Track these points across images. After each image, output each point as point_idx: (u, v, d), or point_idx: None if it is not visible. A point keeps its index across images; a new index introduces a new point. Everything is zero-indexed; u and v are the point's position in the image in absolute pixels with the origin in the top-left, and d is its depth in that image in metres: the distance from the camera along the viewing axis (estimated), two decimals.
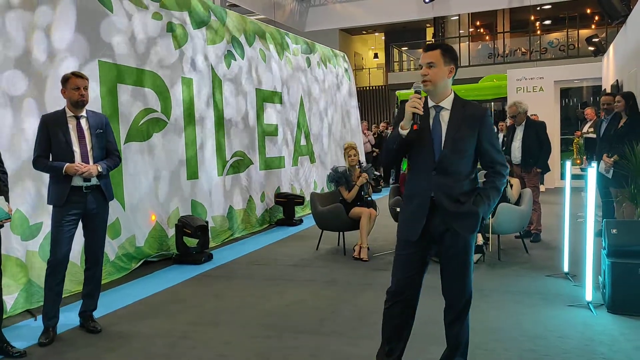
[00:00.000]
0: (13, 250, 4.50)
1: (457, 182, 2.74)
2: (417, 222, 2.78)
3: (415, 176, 2.84)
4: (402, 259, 2.88)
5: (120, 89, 5.73)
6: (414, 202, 2.82)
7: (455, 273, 2.88)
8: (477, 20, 24.27)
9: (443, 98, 2.78)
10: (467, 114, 2.75)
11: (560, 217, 5.85)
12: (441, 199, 2.73)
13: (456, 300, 2.93)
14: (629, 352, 3.40)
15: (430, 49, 2.76)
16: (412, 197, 2.84)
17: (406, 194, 2.90)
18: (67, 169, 3.77)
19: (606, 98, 6.76)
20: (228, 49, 7.75)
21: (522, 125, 6.76)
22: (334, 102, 11.65)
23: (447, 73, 2.74)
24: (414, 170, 2.85)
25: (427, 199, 2.75)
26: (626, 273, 4.03)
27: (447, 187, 2.73)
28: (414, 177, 2.85)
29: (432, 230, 2.78)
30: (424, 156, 2.76)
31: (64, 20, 5.11)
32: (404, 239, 2.87)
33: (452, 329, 2.97)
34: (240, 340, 3.80)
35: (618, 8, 8.78)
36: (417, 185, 2.81)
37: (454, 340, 2.99)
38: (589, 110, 10.31)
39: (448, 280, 2.91)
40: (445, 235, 2.80)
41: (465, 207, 2.73)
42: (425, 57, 2.74)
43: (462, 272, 2.88)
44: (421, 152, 2.76)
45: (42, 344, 3.77)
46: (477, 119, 2.75)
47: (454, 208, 2.73)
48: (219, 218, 7.36)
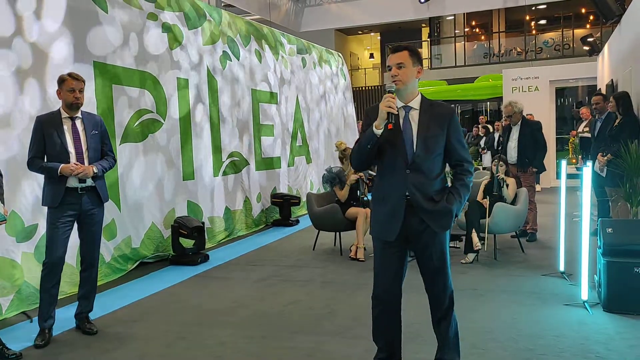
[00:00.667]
0: (8, 252, 4.49)
1: (430, 180, 2.79)
2: (394, 222, 2.80)
3: (386, 176, 2.85)
4: (384, 260, 2.90)
5: (115, 89, 5.71)
6: (388, 202, 2.83)
7: (436, 270, 2.88)
8: (472, 20, 24.32)
9: (412, 98, 2.85)
10: (435, 113, 2.82)
11: (556, 217, 5.87)
12: (417, 198, 2.77)
13: (441, 297, 2.93)
14: (624, 350, 3.41)
15: (398, 50, 2.82)
16: (385, 197, 2.85)
17: (378, 195, 2.91)
18: (63, 169, 3.76)
19: (596, 98, 6.79)
20: (223, 49, 7.74)
21: (518, 125, 6.78)
22: (330, 102, 11.65)
23: (415, 73, 2.82)
24: (385, 170, 2.86)
25: (402, 198, 2.79)
26: (622, 272, 4.05)
27: (422, 186, 2.78)
28: (385, 177, 2.86)
29: (408, 229, 2.82)
30: (396, 156, 2.79)
31: (58, 21, 5.09)
32: (382, 240, 2.88)
33: (440, 327, 2.98)
34: (236, 340, 3.80)
35: (613, 8, 8.80)
36: (390, 185, 2.83)
37: (444, 337, 2.99)
38: (584, 109, 10.36)
39: (430, 279, 2.92)
40: (422, 233, 2.82)
41: (440, 206, 2.78)
42: (394, 58, 2.80)
43: (442, 268, 2.89)
44: (392, 152, 2.80)
45: (37, 346, 3.76)
46: (446, 117, 2.82)
47: (429, 207, 2.77)
48: (215, 219, 7.35)
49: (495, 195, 6.03)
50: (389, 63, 2.83)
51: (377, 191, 2.92)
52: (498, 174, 6.12)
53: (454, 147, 2.84)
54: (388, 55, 2.86)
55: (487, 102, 20.05)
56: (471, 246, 5.71)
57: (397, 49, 2.83)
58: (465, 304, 4.40)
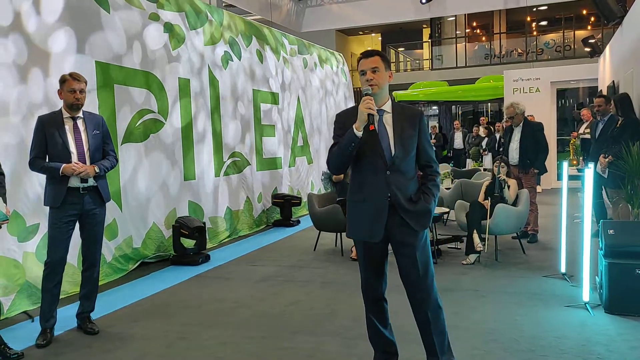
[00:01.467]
0: (10, 251, 4.49)
1: (408, 181, 2.87)
2: (378, 222, 2.84)
3: (364, 178, 2.88)
4: (370, 261, 2.95)
5: (117, 89, 5.72)
6: (369, 203, 2.86)
7: (419, 269, 2.88)
8: (473, 21, 24.33)
9: (384, 102, 2.91)
10: (406, 115, 2.91)
11: (557, 218, 5.87)
12: (398, 198, 2.82)
13: (422, 297, 2.91)
14: (625, 352, 3.41)
15: (371, 55, 2.88)
16: (365, 199, 2.87)
17: (356, 197, 2.92)
18: (64, 169, 3.76)
19: (598, 100, 6.79)
20: (225, 49, 7.75)
21: (520, 126, 6.77)
22: (331, 103, 11.65)
23: (387, 77, 2.90)
24: (363, 172, 2.88)
25: (384, 199, 2.83)
26: (623, 273, 4.04)
27: (402, 187, 2.84)
28: (363, 178, 2.89)
29: (388, 229, 2.85)
30: (373, 158, 2.83)
31: (60, 20, 5.10)
32: (365, 241, 2.91)
33: (424, 328, 2.96)
34: (237, 341, 3.80)
35: (614, 9, 8.80)
36: (370, 187, 2.85)
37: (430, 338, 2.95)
38: (585, 111, 10.36)
39: (413, 278, 2.90)
40: (403, 233, 2.86)
41: (420, 206, 2.85)
42: (368, 62, 2.85)
43: (425, 266, 2.90)
44: (371, 154, 2.83)
45: (39, 346, 3.77)
46: (416, 119, 2.90)
47: (410, 207, 2.84)
48: (217, 219, 7.35)
49: (497, 197, 6.03)
50: (363, 68, 2.87)
51: (355, 193, 2.94)
52: (499, 175, 6.12)
53: (424, 147, 2.93)
54: (360, 60, 2.91)
55: (488, 103, 20.04)
56: (472, 247, 5.71)
57: (369, 54, 2.90)
58: (466, 304, 4.40)
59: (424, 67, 23.97)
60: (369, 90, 2.81)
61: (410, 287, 2.93)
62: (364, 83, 2.85)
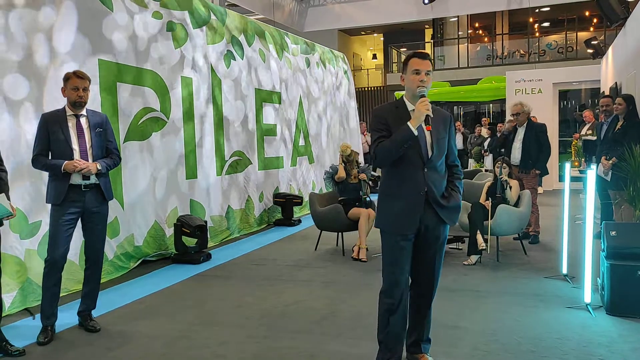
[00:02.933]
0: (12, 248, 4.50)
1: (442, 178, 3.07)
2: (413, 216, 2.99)
3: (402, 174, 3.02)
4: (397, 253, 3.04)
5: (120, 87, 5.72)
6: (404, 198, 3.00)
7: (438, 261, 3.15)
8: (476, 22, 24.30)
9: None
10: (439, 116, 3.07)
11: (559, 219, 5.87)
12: (433, 194, 2.99)
13: (432, 286, 3.18)
14: (627, 353, 3.41)
15: (426, 57, 3.01)
16: (401, 193, 3.01)
17: (391, 191, 3.07)
18: (66, 166, 3.76)
19: (605, 100, 6.76)
20: (228, 48, 7.75)
21: (524, 127, 6.74)
22: (333, 103, 11.65)
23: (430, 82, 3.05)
24: (401, 168, 3.00)
25: (420, 194, 2.97)
26: (625, 275, 4.04)
27: (437, 183, 3.02)
28: (400, 174, 3.02)
29: (422, 223, 3.01)
30: (413, 155, 2.97)
31: (64, 19, 5.10)
32: (399, 234, 3.02)
33: (422, 313, 3.21)
34: (238, 340, 3.80)
35: (617, 11, 8.79)
36: (406, 182, 3.00)
37: (425, 320, 3.22)
38: (587, 112, 10.34)
39: (429, 269, 3.14)
40: (435, 227, 3.05)
41: (452, 201, 3.06)
42: (424, 65, 2.97)
43: (441, 259, 3.18)
44: (409, 152, 2.96)
45: (40, 343, 3.77)
46: (447, 121, 3.10)
47: (443, 202, 3.03)
48: (218, 218, 7.36)
49: (498, 197, 6.02)
50: (418, 67, 2.96)
51: (389, 187, 3.08)
52: (501, 176, 6.11)
53: (452, 148, 3.13)
54: (412, 58, 3.00)
55: (490, 104, 20.03)
56: (474, 248, 5.71)
57: (425, 56, 3.02)
58: (467, 305, 4.40)
59: None
60: (424, 92, 2.96)
61: (423, 276, 3.15)
62: (415, 82, 2.96)
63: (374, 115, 3.08)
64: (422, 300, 3.19)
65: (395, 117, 2.98)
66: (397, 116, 2.99)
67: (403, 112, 3.02)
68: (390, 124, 2.97)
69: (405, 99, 3.07)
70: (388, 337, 3.09)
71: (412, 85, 2.97)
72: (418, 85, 2.95)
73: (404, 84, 3.07)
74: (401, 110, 3.03)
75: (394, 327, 3.07)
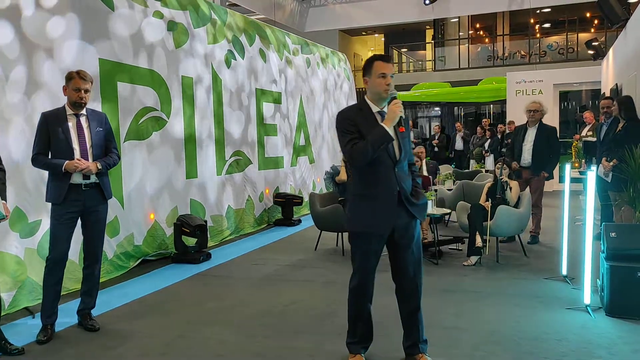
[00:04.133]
0: (12, 247, 4.50)
1: (408, 177, 3.16)
2: (388, 216, 3.05)
3: (376, 174, 3.05)
4: (375, 254, 3.12)
5: (120, 86, 5.72)
6: (378, 198, 3.05)
7: (419, 259, 3.19)
8: (476, 23, 24.30)
9: (384, 105, 3.10)
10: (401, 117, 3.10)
11: (559, 220, 5.86)
12: (405, 192, 3.08)
13: (417, 287, 3.19)
14: (626, 355, 3.41)
15: (389, 60, 3.10)
16: (374, 193, 3.06)
17: (363, 192, 3.09)
18: (67, 166, 3.77)
19: (605, 102, 6.75)
20: (229, 48, 7.75)
21: (535, 128, 6.66)
22: (334, 103, 11.65)
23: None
24: (372, 168, 3.04)
25: (393, 194, 3.04)
26: (625, 276, 4.04)
27: (405, 182, 3.11)
28: (374, 174, 3.05)
29: (396, 222, 3.07)
30: (383, 156, 3.02)
31: (64, 17, 5.10)
32: (376, 233, 3.08)
33: (413, 317, 3.21)
34: (238, 340, 3.80)
35: (618, 12, 8.79)
36: (382, 182, 3.05)
37: (418, 324, 3.23)
38: (587, 113, 10.33)
39: (412, 269, 3.16)
40: (409, 225, 3.11)
41: (421, 199, 3.16)
42: (389, 68, 3.06)
43: (420, 258, 3.20)
44: (381, 152, 3.01)
45: (40, 342, 3.77)
46: (407, 121, 3.15)
47: (414, 200, 3.11)
48: (218, 217, 7.36)
49: (499, 198, 6.02)
50: (384, 71, 3.03)
51: (362, 188, 3.12)
52: (501, 177, 6.11)
53: (411, 148, 3.27)
54: (375, 61, 3.07)
55: (490, 105, 20.02)
56: (474, 249, 5.70)
57: (388, 59, 3.10)
58: (467, 306, 4.40)
59: (427, 68, 23.96)
60: (395, 94, 3.02)
61: (406, 278, 3.17)
62: (383, 85, 3.02)
63: (342, 118, 3.11)
64: (411, 302, 3.20)
65: (361, 119, 3.04)
66: (362, 118, 3.05)
67: (368, 113, 3.07)
68: (359, 125, 3.02)
69: (368, 100, 3.12)
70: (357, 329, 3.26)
71: (379, 89, 3.03)
72: (386, 89, 3.02)
73: (367, 87, 3.11)
74: (365, 112, 3.09)
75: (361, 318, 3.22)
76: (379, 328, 3.44)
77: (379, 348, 3.41)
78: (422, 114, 20.30)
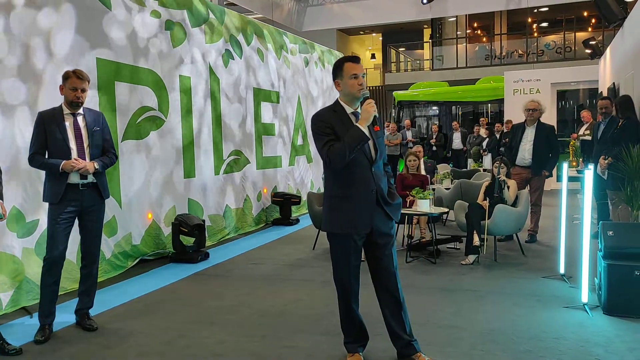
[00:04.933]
0: (9, 247, 4.49)
1: (384, 177, 3.18)
2: (367, 215, 3.07)
3: (353, 174, 3.07)
4: (354, 254, 3.14)
5: (117, 86, 5.72)
6: (358, 197, 3.06)
7: (393, 259, 3.19)
8: (474, 22, 24.31)
9: (358, 106, 3.13)
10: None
11: (557, 219, 5.88)
12: (381, 192, 3.10)
13: (397, 285, 3.20)
14: (623, 353, 3.41)
15: (359, 61, 3.13)
16: (352, 194, 3.07)
17: (343, 192, 3.10)
18: (64, 165, 3.76)
19: (603, 102, 6.77)
20: (226, 47, 7.74)
21: (534, 127, 6.67)
22: (331, 102, 11.62)
23: None
24: (350, 169, 3.05)
25: (371, 194, 3.07)
26: (622, 275, 4.05)
27: (382, 182, 3.13)
28: (351, 175, 3.07)
29: (373, 222, 3.09)
30: (360, 156, 3.04)
31: (62, 17, 5.09)
32: (354, 233, 3.09)
33: (399, 317, 3.21)
34: (236, 339, 3.80)
35: (615, 11, 8.81)
36: (356, 183, 3.07)
37: (404, 324, 3.22)
38: (585, 112, 10.36)
39: (389, 268, 3.17)
40: (385, 224, 3.14)
41: (396, 198, 3.19)
42: (360, 68, 3.10)
43: (395, 256, 3.21)
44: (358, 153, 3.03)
45: (38, 342, 3.76)
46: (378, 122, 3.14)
47: (390, 199, 3.14)
48: (216, 217, 7.35)
49: (496, 197, 6.02)
50: (356, 72, 3.07)
51: (341, 188, 3.11)
52: (499, 176, 6.12)
53: (384, 147, 3.27)
54: (346, 63, 3.10)
55: (488, 104, 20.04)
56: (472, 248, 5.71)
57: (358, 60, 3.13)
58: (465, 305, 4.40)
59: (425, 68, 23.98)
60: (367, 94, 3.08)
61: (384, 276, 3.19)
62: (355, 86, 3.06)
63: (318, 120, 3.12)
64: (387, 298, 3.21)
65: (336, 121, 3.07)
66: (337, 119, 3.07)
67: (342, 115, 3.10)
68: (334, 127, 3.05)
69: (342, 102, 3.15)
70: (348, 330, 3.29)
71: (353, 89, 3.06)
72: (359, 89, 3.05)
73: (339, 89, 3.14)
74: (340, 113, 3.11)
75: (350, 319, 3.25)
76: (377, 327, 3.44)
77: (378, 347, 3.42)
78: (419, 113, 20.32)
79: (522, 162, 6.64)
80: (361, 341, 3.33)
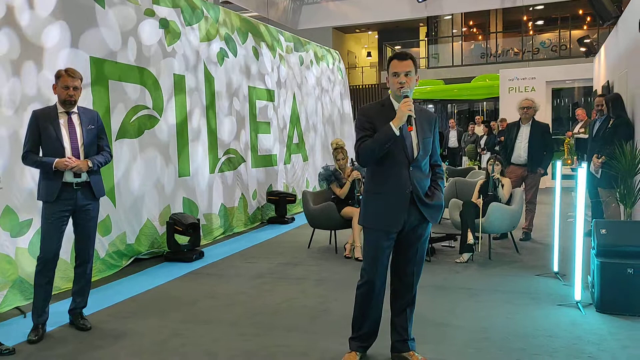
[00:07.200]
0: (2, 246, 4.48)
1: (426, 177, 3.14)
2: (399, 213, 3.06)
3: (387, 172, 3.08)
4: (382, 251, 3.12)
5: (111, 85, 5.70)
6: (390, 196, 3.07)
7: (421, 259, 3.23)
8: (470, 20, 24.35)
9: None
10: (424, 117, 3.15)
11: (551, 217, 5.89)
12: (418, 192, 3.07)
13: (414, 286, 3.24)
14: (616, 351, 3.43)
15: (404, 58, 3.04)
16: (386, 191, 3.08)
17: (376, 189, 3.12)
18: (57, 163, 3.75)
19: (600, 99, 6.80)
20: (221, 46, 7.73)
21: (529, 125, 6.69)
22: (327, 100, 11.65)
23: (415, 81, 3.10)
24: (385, 166, 3.07)
25: (406, 193, 3.04)
26: (615, 273, 4.06)
27: (421, 182, 3.10)
28: (385, 172, 3.08)
29: (407, 220, 3.08)
30: (398, 155, 3.03)
31: (54, 15, 5.07)
32: (384, 230, 3.09)
33: (405, 313, 3.25)
34: (230, 338, 3.80)
35: (609, 9, 8.83)
36: (391, 181, 3.06)
37: (408, 321, 3.26)
38: (579, 110, 10.38)
39: (412, 267, 3.20)
40: (419, 225, 3.13)
41: (435, 200, 3.14)
42: (402, 66, 3.03)
43: (423, 257, 3.25)
44: (395, 151, 3.03)
45: (31, 341, 3.76)
46: (432, 122, 3.18)
47: (427, 200, 3.10)
48: (211, 216, 7.34)
49: (490, 195, 6.04)
50: (396, 70, 3.03)
51: (375, 185, 3.13)
52: (493, 174, 6.13)
53: (435, 149, 3.20)
54: (392, 60, 3.07)
55: (483, 102, 20.09)
56: (466, 246, 5.72)
57: (403, 57, 3.05)
58: (459, 303, 4.41)
59: (420, 66, 23.99)
60: (407, 92, 3.01)
61: (405, 274, 3.21)
62: (395, 84, 3.03)
63: (361, 114, 3.15)
64: (406, 298, 3.24)
65: (382, 116, 3.05)
66: (383, 115, 3.07)
67: (389, 110, 3.08)
68: (376, 122, 3.04)
69: (391, 98, 3.14)
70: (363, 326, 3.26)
71: (393, 87, 3.06)
72: (398, 87, 3.03)
73: (389, 85, 3.14)
74: (387, 109, 3.10)
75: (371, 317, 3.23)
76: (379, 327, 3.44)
77: (377, 347, 3.42)
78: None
79: (517, 160, 6.67)
80: (365, 342, 3.31)
